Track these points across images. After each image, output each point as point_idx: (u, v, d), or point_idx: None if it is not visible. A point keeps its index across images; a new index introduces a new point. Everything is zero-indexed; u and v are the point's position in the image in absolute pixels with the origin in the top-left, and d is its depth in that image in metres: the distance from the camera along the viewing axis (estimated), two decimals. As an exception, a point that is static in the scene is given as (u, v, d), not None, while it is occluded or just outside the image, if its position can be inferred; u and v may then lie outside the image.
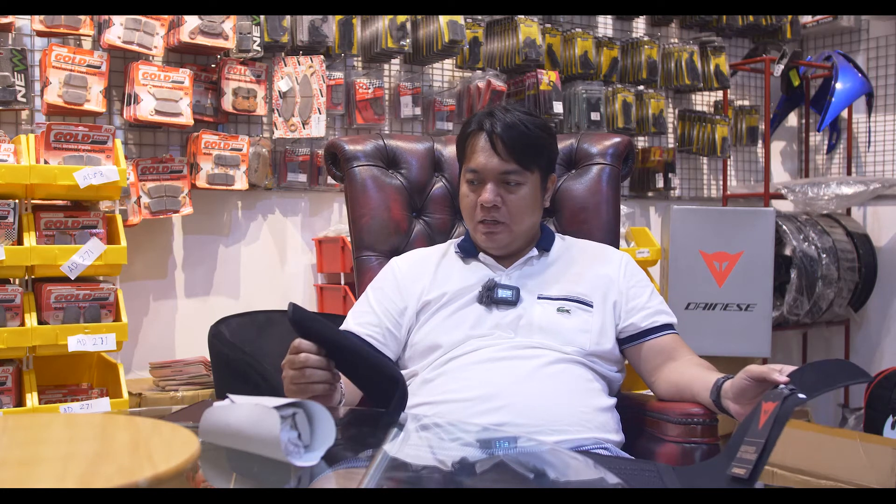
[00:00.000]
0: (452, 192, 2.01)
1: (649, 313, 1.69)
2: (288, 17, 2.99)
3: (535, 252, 1.73)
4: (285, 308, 1.32)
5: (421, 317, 1.69)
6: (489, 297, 1.65)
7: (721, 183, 4.25)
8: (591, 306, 1.67)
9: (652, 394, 1.71)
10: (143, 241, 2.91)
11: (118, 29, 2.67)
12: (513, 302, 1.65)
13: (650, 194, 4.06)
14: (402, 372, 1.65)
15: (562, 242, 1.79)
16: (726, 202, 4.18)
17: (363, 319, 1.70)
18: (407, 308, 1.70)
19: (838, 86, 3.96)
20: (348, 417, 1.46)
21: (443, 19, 3.14)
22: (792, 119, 4.56)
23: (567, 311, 1.65)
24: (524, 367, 1.57)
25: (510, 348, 1.60)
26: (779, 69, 3.97)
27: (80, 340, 2.31)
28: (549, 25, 3.57)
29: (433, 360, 1.63)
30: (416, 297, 1.70)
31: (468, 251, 1.75)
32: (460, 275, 1.72)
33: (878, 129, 4.20)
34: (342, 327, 1.71)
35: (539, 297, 1.66)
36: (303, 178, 3.13)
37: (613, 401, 1.63)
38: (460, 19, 3.17)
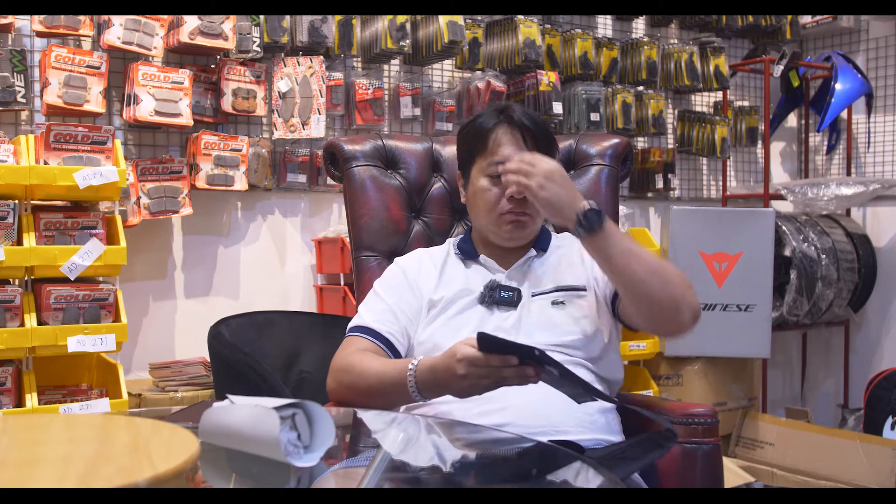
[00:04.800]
0: (451, 192, 2.01)
1: None
2: (287, 17, 2.99)
3: (533, 252, 1.74)
4: (284, 309, 1.32)
5: (426, 317, 1.69)
6: (491, 297, 1.65)
7: (721, 183, 4.25)
8: (585, 290, 1.68)
9: (652, 394, 1.71)
10: (143, 242, 2.91)
11: (118, 29, 2.66)
12: (514, 303, 1.65)
13: (650, 195, 4.06)
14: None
15: (556, 240, 1.80)
16: (726, 203, 4.17)
17: (383, 318, 1.68)
18: (421, 308, 1.70)
19: (838, 86, 3.96)
20: (347, 418, 1.46)
21: (442, 20, 3.13)
22: (791, 120, 4.56)
23: (561, 302, 1.66)
24: (525, 368, 1.56)
25: (511, 349, 1.60)
26: (778, 70, 3.96)
27: (79, 341, 2.31)
28: (548, 26, 3.57)
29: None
30: (427, 297, 1.71)
31: (468, 253, 1.76)
32: (462, 277, 1.72)
33: (878, 130, 4.20)
34: (354, 323, 1.70)
35: (533, 295, 1.67)
36: (302, 178, 3.12)
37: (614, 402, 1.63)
38: (460, 20, 3.17)
